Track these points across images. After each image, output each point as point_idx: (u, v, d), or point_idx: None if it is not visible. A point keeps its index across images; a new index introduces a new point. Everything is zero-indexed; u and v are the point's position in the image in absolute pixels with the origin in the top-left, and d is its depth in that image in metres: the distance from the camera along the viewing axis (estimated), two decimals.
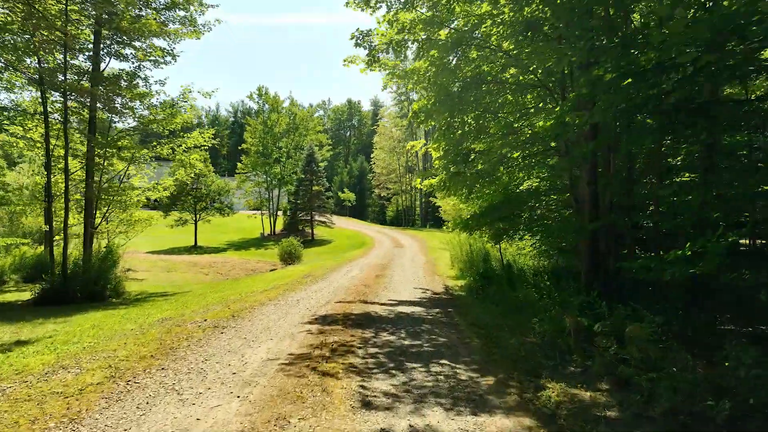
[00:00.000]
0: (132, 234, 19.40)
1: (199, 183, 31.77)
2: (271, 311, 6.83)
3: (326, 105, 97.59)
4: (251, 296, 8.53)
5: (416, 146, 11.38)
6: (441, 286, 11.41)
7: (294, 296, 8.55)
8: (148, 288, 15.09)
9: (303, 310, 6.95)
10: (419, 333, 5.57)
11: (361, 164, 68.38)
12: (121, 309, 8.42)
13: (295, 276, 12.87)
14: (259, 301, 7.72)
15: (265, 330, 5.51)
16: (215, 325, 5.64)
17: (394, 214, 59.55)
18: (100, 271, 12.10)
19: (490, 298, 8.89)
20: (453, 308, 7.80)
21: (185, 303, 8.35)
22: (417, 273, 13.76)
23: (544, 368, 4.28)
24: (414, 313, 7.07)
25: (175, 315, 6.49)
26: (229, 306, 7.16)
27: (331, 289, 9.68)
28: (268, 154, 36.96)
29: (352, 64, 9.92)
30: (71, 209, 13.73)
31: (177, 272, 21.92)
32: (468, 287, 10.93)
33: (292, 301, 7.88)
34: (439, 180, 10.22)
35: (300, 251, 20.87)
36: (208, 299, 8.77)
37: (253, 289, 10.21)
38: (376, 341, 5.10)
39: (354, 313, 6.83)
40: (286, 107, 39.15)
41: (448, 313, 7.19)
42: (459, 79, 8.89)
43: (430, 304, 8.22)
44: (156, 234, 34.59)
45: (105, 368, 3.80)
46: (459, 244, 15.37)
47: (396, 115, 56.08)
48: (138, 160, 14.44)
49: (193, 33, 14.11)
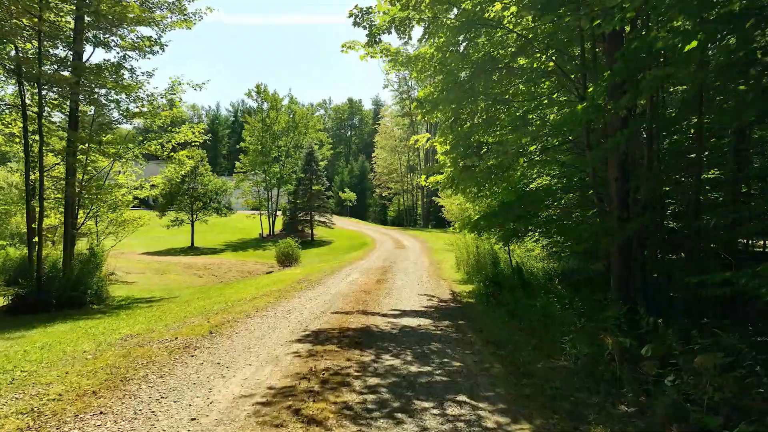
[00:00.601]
0: (122, 234, 18.59)
1: (195, 182, 30.92)
2: (257, 325, 5.94)
3: (327, 104, 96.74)
4: (238, 305, 7.65)
5: (420, 141, 10.48)
6: (447, 291, 10.52)
7: (286, 305, 7.67)
8: (136, 292, 14.24)
9: (293, 324, 6.07)
10: (428, 355, 4.68)
11: (362, 164, 67.50)
12: (94, 320, 7.56)
13: (290, 280, 11.99)
14: (245, 312, 6.83)
15: (245, 351, 4.63)
16: (186, 345, 4.76)
17: (395, 214, 58.67)
18: (80, 276, 11.24)
19: (504, 307, 7.99)
20: (464, 320, 6.91)
21: (163, 313, 7.48)
22: (421, 277, 12.87)
23: (588, 407, 3.40)
24: (420, 326, 6.18)
25: (145, 330, 5.62)
26: (209, 318, 6.28)
27: (327, 297, 8.80)
28: (267, 153, 36.10)
29: (350, 50, 9.03)
30: (53, 209, 12.90)
31: (170, 274, 21.09)
32: (477, 293, 10.04)
33: (283, 312, 7.00)
34: (446, 176, 9.33)
35: (298, 253, 19.99)
36: (190, 308, 7.90)
37: (243, 295, 9.33)
38: (376, 367, 4.22)
39: (352, 327, 5.95)
40: (286, 105, 38.29)
41: (459, 327, 6.30)
42: (468, 66, 8.00)
43: (437, 314, 7.33)
44: (152, 234, 33.82)
45: (24, 414, 2.93)
46: (465, 245, 14.48)
47: (397, 113, 55.17)
48: (125, 156, 13.58)
49: (183, 22, 13.24)
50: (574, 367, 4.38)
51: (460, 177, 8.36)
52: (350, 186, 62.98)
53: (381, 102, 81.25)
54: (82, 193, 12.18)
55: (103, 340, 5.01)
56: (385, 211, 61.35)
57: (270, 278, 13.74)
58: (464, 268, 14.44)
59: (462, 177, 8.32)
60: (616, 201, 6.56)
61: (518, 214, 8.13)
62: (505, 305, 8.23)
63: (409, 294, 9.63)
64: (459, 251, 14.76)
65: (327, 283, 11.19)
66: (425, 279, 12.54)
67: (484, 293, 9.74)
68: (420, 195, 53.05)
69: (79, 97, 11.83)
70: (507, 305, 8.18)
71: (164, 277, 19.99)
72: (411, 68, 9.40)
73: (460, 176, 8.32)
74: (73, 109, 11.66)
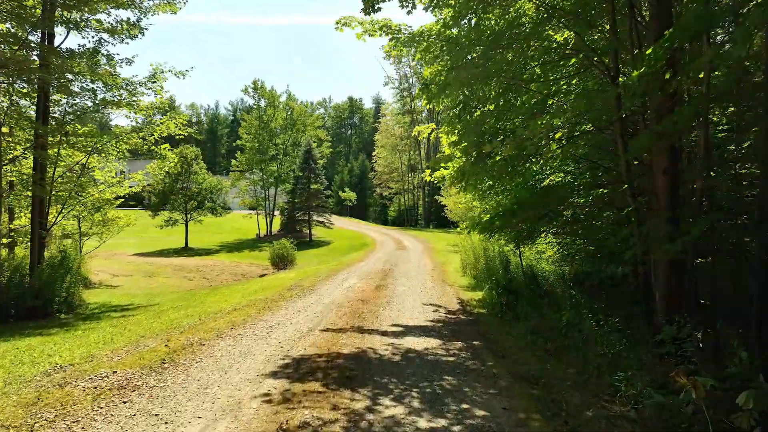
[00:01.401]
0: (107, 236, 17.51)
1: (189, 181, 29.81)
2: (226, 350, 4.81)
3: (327, 103, 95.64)
4: (212, 319, 6.53)
5: (424, 132, 9.36)
6: (455, 300, 9.39)
7: (269, 320, 6.55)
8: (116, 298, 13.12)
9: (272, 348, 4.94)
10: (441, 398, 3.55)
11: (363, 163, 66.31)
12: (45, 335, 6.45)
13: (280, 286, 10.87)
14: (217, 331, 5.70)
15: (199, 393, 3.51)
16: (123, 384, 3.64)
17: (396, 214, 57.51)
18: (49, 282, 10.12)
19: (523, 322, 6.87)
20: (479, 339, 5.77)
21: (124, 329, 6.34)
22: (424, 282, 11.74)
23: None
24: (428, 350, 5.05)
25: (84, 357, 4.49)
26: (170, 340, 5.15)
27: (319, 308, 7.67)
28: (264, 151, 34.96)
29: (346, 27, 7.92)
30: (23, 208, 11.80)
31: (160, 277, 19.99)
32: (489, 302, 8.91)
33: (263, 330, 5.87)
34: (454, 170, 8.20)
35: (293, 255, 18.89)
36: (158, 322, 6.79)
37: (223, 305, 8.21)
38: (372, 421, 3.09)
39: (343, 352, 4.82)
40: (283, 102, 37.15)
41: (476, 350, 5.16)
42: (483, 41, 6.87)
43: (447, 331, 6.19)
44: (147, 235, 32.82)
45: None
46: (471, 247, 13.35)
47: (398, 111, 53.99)
48: (107, 151, 12.47)
49: (167, 5, 12.13)
50: (638, 418, 3.25)
51: (472, 170, 7.22)
52: (350, 185, 61.84)
53: (382, 100, 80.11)
54: (52, 190, 11.06)
55: (19, 374, 3.89)
56: (385, 210, 60.21)
57: (260, 283, 12.61)
58: (470, 272, 13.31)
59: (474, 169, 7.18)
60: (664, 199, 5.43)
61: (540, 213, 7.00)
62: (524, 319, 7.11)
63: (412, 303, 8.50)
64: (465, 253, 13.63)
65: (321, 289, 10.05)
66: (429, 284, 11.40)
67: (497, 302, 8.62)
68: (421, 194, 51.92)
69: (50, 85, 10.74)
70: (526, 319, 7.05)
71: (152, 281, 18.88)
72: (415, 48, 8.28)
73: (473, 169, 7.18)
74: (42, 98, 10.56)
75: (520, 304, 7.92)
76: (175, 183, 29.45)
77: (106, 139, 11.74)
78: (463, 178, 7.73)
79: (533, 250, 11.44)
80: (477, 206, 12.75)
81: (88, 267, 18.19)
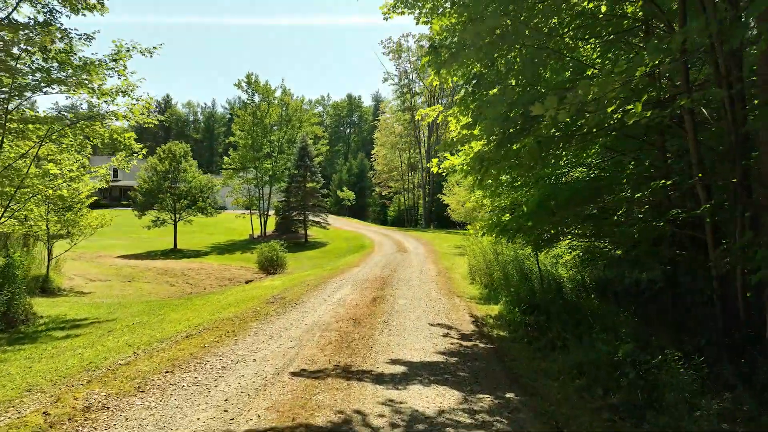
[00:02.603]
0: (78, 237, 15.89)
1: (178, 179, 28.17)
2: (135, 421, 3.16)
3: (325, 101, 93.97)
4: (151, 354, 4.87)
5: (431, 114, 7.70)
6: (467, 317, 7.74)
7: (225, 354, 4.90)
8: (75, 310, 11.43)
9: (209, 414, 3.29)
10: None
11: (362, 162, 64.58)
12: None
13: (260, 298, 9.22)
14: (143, 377, 4.05)
15: None
16: None
17: (395, 214, 55.85)
18: None
19: (562, 353, 5.22)
20: (513, 387, 4.11)
21: (23, 370, 4.68)
22: (429, 292, 10.09)
23: None
24: (445, 416, 3.38)
25: None
26: (59, 400, 3.46)
27: (298, 332, 6.02)
28: (259, 148, 33.28)
29: None
30: None
31: (140, 282, 18.37)
32: (509, 321, 7.26)
33: (211, 373, 4.22)
34: (468, 158, 6.54)
35: (283, 258, 17.22)
36: (88, 352, 5.15)
37: (181, 327, 6.55)
38: None
39: (316, 424, 3.16)
40: (278, 97, 35.44)
41: (514, 413, 3.50)
42: None
43: (466, 372, 4.53)
44: (137, 235, 31.30)
45: None
46: (481, 251, 11.68)
47: (398, 108, 52.26)
48: (67, 142, 10.81)
49: None
50: None
51: (494, 156, 5.55)
52: (349, 185, 60.15)
53: (381, 98, 78.44)
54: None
55: None
56: (385, 210, 58.54)
57: (239, 293, 10.95)
58: (481, 279, 11.64)
59: (497, 156, 5.52)
60: None
61: (586, 210, 5.36)
62: (562, 348, 5.46)
63: (415, 324, 6.83)
64: (474, 258, 11.95)
65: (306, 303, 8.39)
66: (435, 295, 9.75)
67: (520, 321, 6.98)
68: (422, 194, 50.24)
69: None
70: (564, 348, 5.40)
71: (129, 287, 17.21)
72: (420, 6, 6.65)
73: (495, 155, 5.51)
74: None
75: (551, 327, 6.27)
76: (163, 181, 27.81)
77: (57, 127, 10.07)
78: (481, 167, 6.06)
79: (549, 254, 9.81)
80: (486, 204, 11.00)
81: (62, 271, 16.61)
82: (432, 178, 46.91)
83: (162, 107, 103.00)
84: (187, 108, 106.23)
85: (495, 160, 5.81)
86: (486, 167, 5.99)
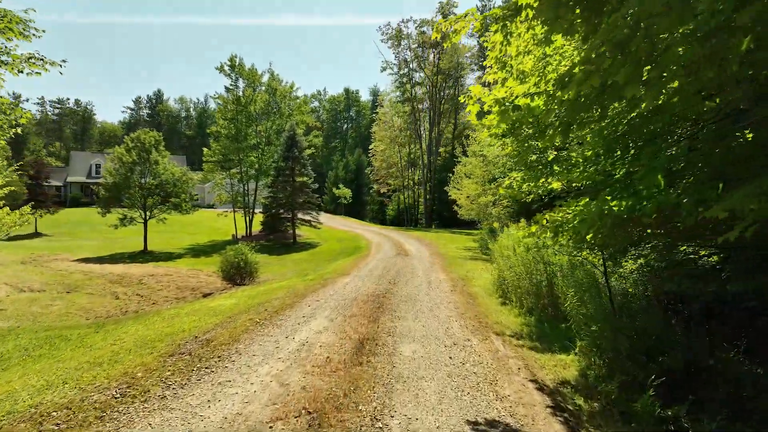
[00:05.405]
0: None
1: (147, 172, 24.72)
2: None
3: (322, 95, 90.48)
4: None
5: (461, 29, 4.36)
6: (532, 391, 4.38)
7: None
8: None
9: None
10: None
11: (359, 158, 61.13)
12: None
13: (170, 343, 5.85)
14: None
15: None
16: None
17: (395, 213, 52.45)
18: None
19: None
20: None
21: None
22: (449, 328, 6.72)
23: None
24: None
25: None
26: None
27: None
28: (243, 139, 29.86)
29: None
30: None
31: (80, 293, 14.87)
32: (611, 399, 3.93)
33: None
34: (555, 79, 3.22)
35: (254, 264, 13.80)
36: None
37: (43, 398, 3.25)
38: None
39: None
40: (266, 82, 31.99)
41: None
42: None
43: None
44: (111, 236, 28.00)
45: None
46: (522, 261, 8.20)
47: (397, 100, 48.85)
48: None
49: None
50: None
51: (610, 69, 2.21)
52: (346, 182, 56.76)
53: (379, 92, 75.02)
54: None
55: None
56: (383, 209, 55.11)
57: (157, 324, 7.54)
58: (518, 298, 8.27)
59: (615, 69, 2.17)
60: None
61: None
62: None
63: (438, 419, 3.48)
64: (509, 269, 8.50)
65: (238, 359, 5.01)
66: (459, 333, 6.38)
67: (647, 412, 3.66)
68: (423, 191, 46.84)
69: None
70: None
71: (61, 300, 13.71)
72: None
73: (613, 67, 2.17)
74: None
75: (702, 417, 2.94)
76: (131, 174, 24.37)
77: None
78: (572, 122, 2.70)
79: (599, 262, 6.55)
80: (525, 190, 7.42)
81: None
82: (434, 174, 43.54)
83: (153, 102, 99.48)
84: (180, 104, 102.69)
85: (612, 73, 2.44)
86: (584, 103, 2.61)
